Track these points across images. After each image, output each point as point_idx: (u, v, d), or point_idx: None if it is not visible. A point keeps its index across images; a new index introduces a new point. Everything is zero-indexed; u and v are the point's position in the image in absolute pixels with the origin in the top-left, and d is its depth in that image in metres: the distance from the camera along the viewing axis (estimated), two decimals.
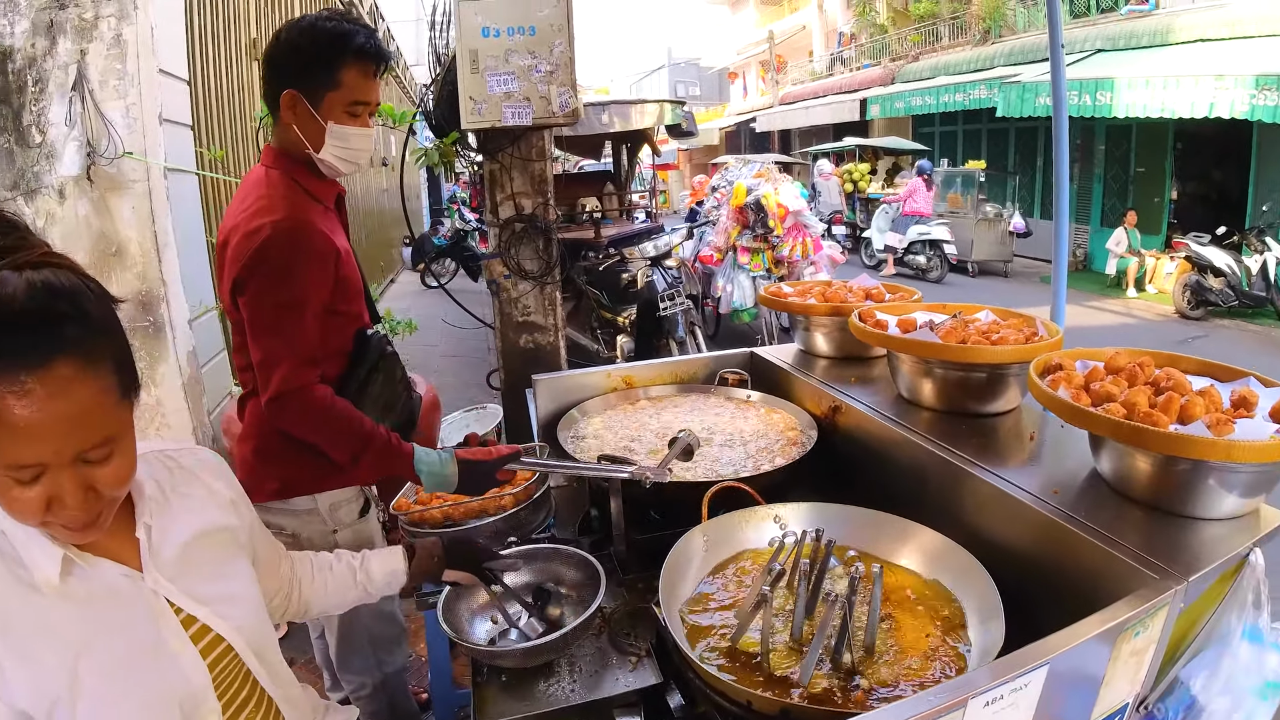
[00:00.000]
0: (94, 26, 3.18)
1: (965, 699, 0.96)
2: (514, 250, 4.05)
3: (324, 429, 1.91)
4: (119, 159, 3.27)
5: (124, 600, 1.16)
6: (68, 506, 1.03)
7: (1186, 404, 1.45)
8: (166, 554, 1.23)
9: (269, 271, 1.84)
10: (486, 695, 1.54)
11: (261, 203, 1.90)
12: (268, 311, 1.85)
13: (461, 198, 17.41)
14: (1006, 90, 13.75)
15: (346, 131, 1.97)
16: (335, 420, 1.90)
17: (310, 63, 1.90)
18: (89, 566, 1.14)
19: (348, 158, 2.02)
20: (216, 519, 1.34)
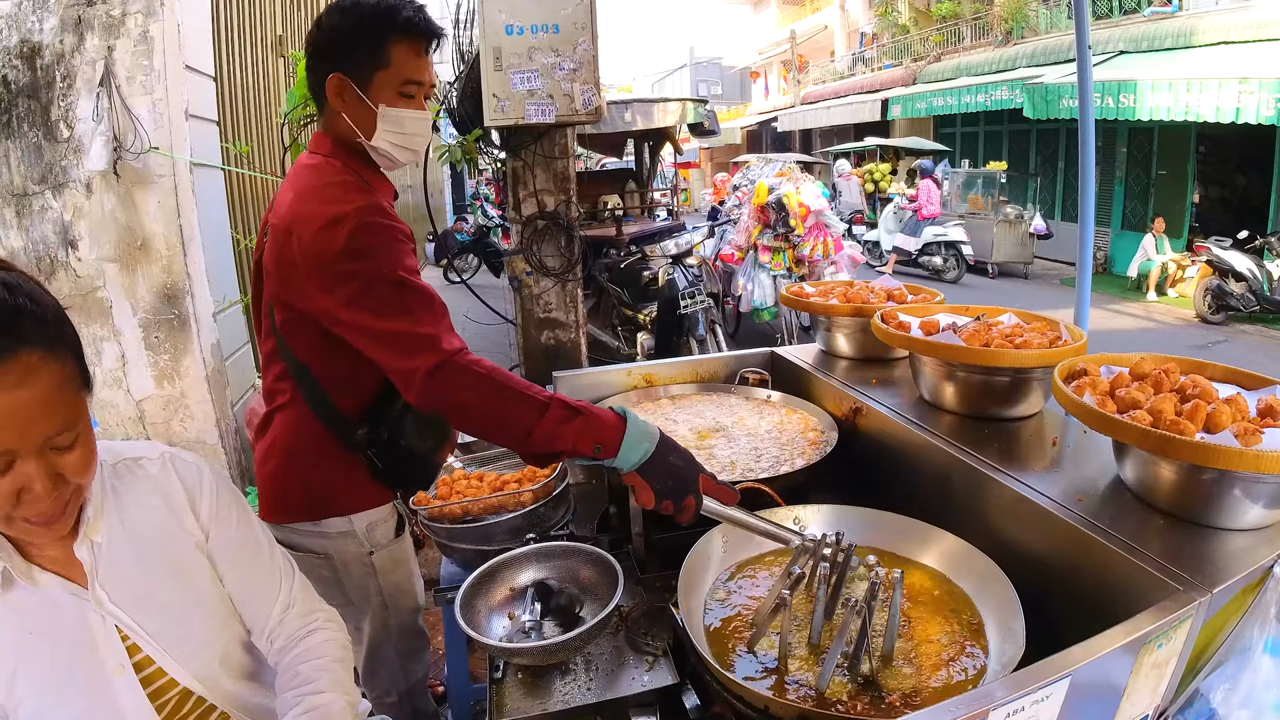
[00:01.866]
0: (121, 23, 3.22)
1: (986, 711, 0.96)
2: (536, 247, 4.06)
3: (494, 395, 1.59)
4: (145, 154, 3.31)
5: (68, 618, 1.16)
6: (37, 495, 1.04)
7: (1213, 412, 1.44)
8: (117, 574, 1.21)
9: (373, 252, 1.67)
10: (503, 692, 1.55)
11: (335, 190, 1.75)
12: (389, 290, 1.66)
13: (485, 194, 17.46)
14: (1031, 92, 13.66)
15: (401, 115, 1.81)
16: (507, 383, 1.60)
17: (355, 42, 1.75)
18: (29, 583, 1.14)
19: (404, 144, 1.85)
20: (177, 533, 1.30)
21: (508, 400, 1.58)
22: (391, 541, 2.08)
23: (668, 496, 1.56)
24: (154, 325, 3.55)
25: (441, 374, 1.59)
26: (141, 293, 3.50)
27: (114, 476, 1.27)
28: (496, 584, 1.77)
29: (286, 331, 1.85)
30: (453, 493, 2.26)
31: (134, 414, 3.60)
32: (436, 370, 1.58)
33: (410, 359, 1.61)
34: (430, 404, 1.62)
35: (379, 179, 1.92)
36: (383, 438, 1.92)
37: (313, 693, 1.33)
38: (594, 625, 1.54)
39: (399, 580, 2.13)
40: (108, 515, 1.23)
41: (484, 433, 1.68)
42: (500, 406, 1.58)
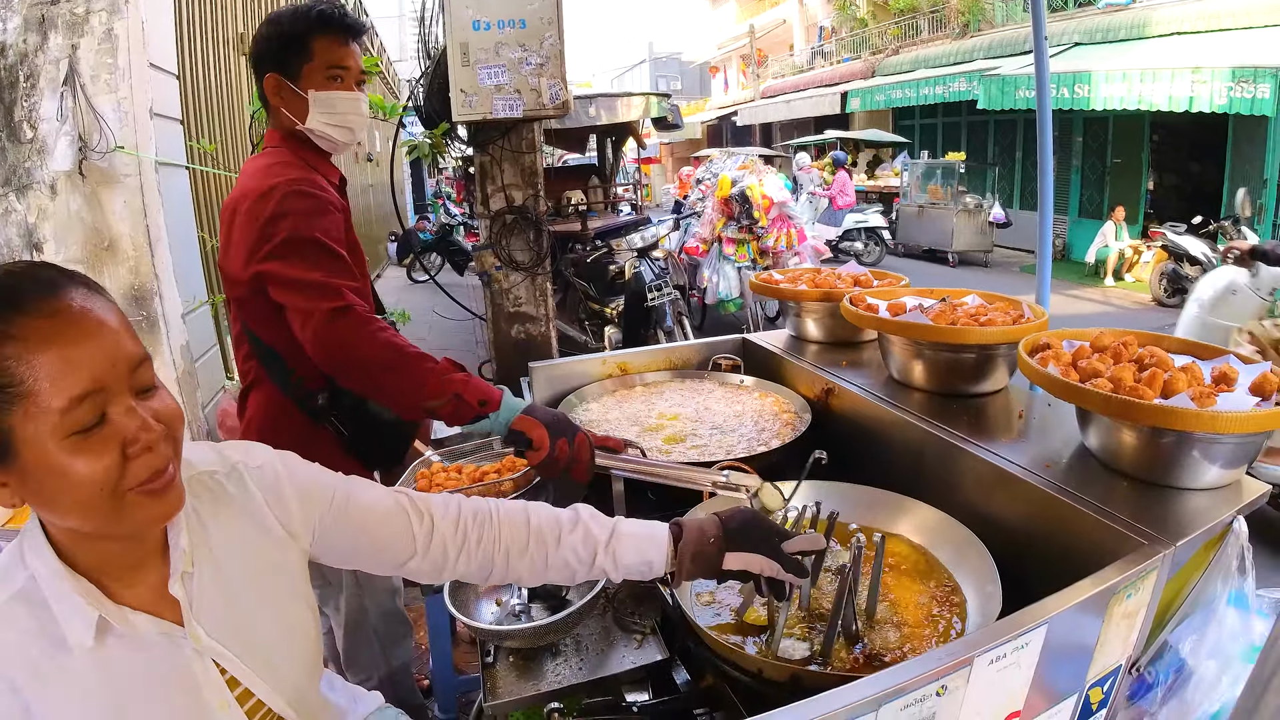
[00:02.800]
0: (85, 21, 3.19)
1: (971, 657, 1.01)
2: (505, 242, 4.08)
3: (386, 351, 1.73)
4: (110, 153, 3.27)
5: (163, 661, 1.06)
6: (145, 442, 0.94)
7: (1170, 379, 1.50)
8: (210, 606, 1.10)
9: (296, 217, 1.81)
10: (496, 675, 1.58)
11: (272, 169, 1.91)
12: (305, 245, 1.80)
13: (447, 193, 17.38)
14: (987, 83, 13.84)
15: (329, 96, 1.97)
16: (400, 342, 1.75)
17: (282, 44, 1.95)
18: (124, 627, 1.03)
19: (338, 123, 2.01)
20: (265, 547, 1.19)
21: (404, 353, 1.73)
22: None
23: (561, 433, 1.71)
24: None
25: (344, 319, 1.73)
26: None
27: (192, 496, 1.12)
28: None
29: (242, 309, 1.97)
30: (432, 485, 2.27)
31: None
32: (338, 314, 1.73)
33: (314, 301, 1.74)
34: (327, 346, 1.74)
35: (323, 163, 2.07)
36: (345, 403, 2.00)
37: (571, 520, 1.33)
38: (583, 605, 1.58)
39: None
40: (196, 540, 1.11)
41: (373, 382, 1.77)
42: (396, 357, 1.73)
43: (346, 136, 2.05)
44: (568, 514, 1.35)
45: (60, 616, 0.98)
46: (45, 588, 0.99)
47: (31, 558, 1.00)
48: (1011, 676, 1.09)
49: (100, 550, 1.02)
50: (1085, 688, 1.29)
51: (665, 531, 1.33)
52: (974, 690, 1.04)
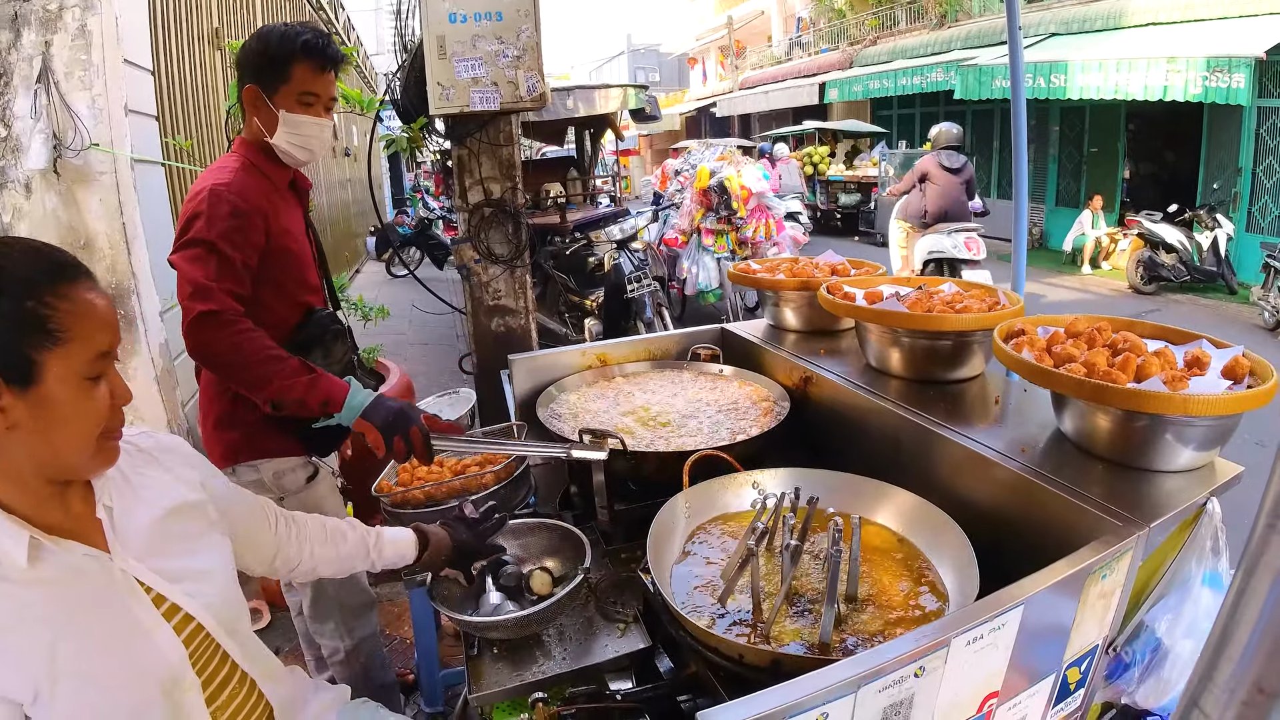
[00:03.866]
0: (59, 17, 3.13)
1: (948, 639, 1.02)
2: (484, 235, 4.05)
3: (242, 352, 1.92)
4: (85, 151, 3.22)
5: (94, 581, 1.19)
6: (124, 395, 1.19)
7: (1143, 363, 1.52)
8: (132, 534, 1.26)
9: (203, 215, 1.97)
10: (480, 667, 1.58)
11: (217, 170, 2.11)
12: (198, 251, 1.95)
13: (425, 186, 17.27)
14: (964, 73, 13.89)
15: (298, 119, 2.15)
16: (256, 344, 1.93)
17: (265, 60, 2.11)
18: (56, 547, 1.16)
19: (300, 144, 2.18)
20: (180, 497, 1.37)
21: (257, 355, 1.92)
22: (301, 489, 2.31)
23: (394, 431, 1.90)
24: None
25: (211, 321, 1.89)
26: None
27: None
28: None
29: None
30: (414, 479, 2.27)
31: None
32: (208, 316, 1.89)
33: (191, 301, 1.90)
34: (194, 344, 1.93)
35: (279, 169, 2.24)
36: None
37: None
38: (565, 596, 1.58)
39: None
40: (116, 483, 1.29)
41: (233, 379, 2.00)
42: (249, 358, 1.91)
43: (306, 156, 2.23)
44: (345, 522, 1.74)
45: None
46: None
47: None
48: (989, 657, 1.11)
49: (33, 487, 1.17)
50: (1063, 668, 1.30)
51: (414, 539, 1.73)
52: (952, 671, 1.05)
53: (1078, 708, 1.42)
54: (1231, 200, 11.14)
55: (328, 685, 1.67)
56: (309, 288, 2.30)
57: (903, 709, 1.02)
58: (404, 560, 1.72)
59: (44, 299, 1.09)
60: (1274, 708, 0.55)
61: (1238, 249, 10.83)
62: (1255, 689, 0.56)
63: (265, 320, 2.06)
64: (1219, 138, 11.62)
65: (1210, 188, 11.68)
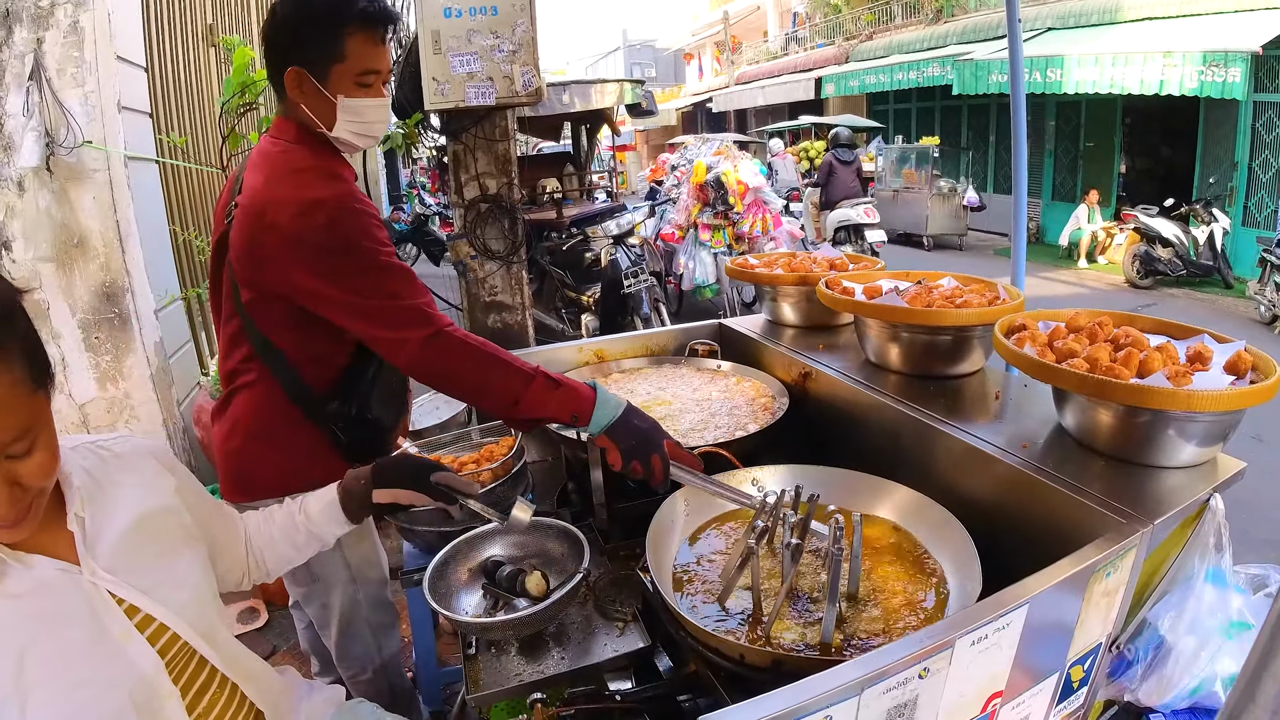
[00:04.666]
0: (50, 14, 3.11)
1: (953, 639, 1.01)
2: (480, 230, 4.03)
3: (481, 365, 1.73)
4: (79, 148, 3.20)
5: (63, 595, 1.15)
6: None
7: (1146, 358, 1.51)
8: (104, 545, 1.21)
9: (356, 236, 1.73)
10: (478, 667, 1.57)
11: (308, 176, 1.78)
12: (375, 270, 1.73)
13: (421, 183, 17.21)
14: (961, 68, 13.88)
15: (360, 105, 1.82)
16: (494, 354, 1.74)
17: (310, 35, 1.75)
18: (23, 565, 1.12)
19: (363, 132, 1.88)
20: (155, 503, 1.32)
21: (498, 371, 1.72)
22: None
23: (635, 456, 1.69)
24: (94, 325, 3.43)
25: (437, 343, 1.71)
26: (80, 292, 3.38)
27: (81, 458, 1.27)
28: (463, 562, 1.79)
29: (255, 312, 1.85)
30: None
31: (77, 419, 3.48)
32: (432, 339, 1.70)
33: (402, 330, 1.71)
34: (424, 370, 1.75)
35: (341, 163, 1.93)
36: (350, 411, 1.95)
37: None
38: (564, 596, 1.57)
39: (365, 552, 2.15)
40: (88, 491, 1.23)
41: (473, 399, 1.87)
42: (490, 377, 1.73)
43: (367, 143, 1.94)
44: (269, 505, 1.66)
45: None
46: None
47: None
48: (993, 657, 1.09)
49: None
50: (1066, 666, 1.30)
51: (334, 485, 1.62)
52: (956, 672, 1.04)
53: (1080, 705, 1.41)
54: (1227, 194, 11.15)
55: (323, 686, 1.63)
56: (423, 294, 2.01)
57: (907, 710, 1.01)
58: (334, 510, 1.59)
59: None
60: None
61: (1233, 243, 10.85)
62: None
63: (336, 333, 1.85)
64: (1215, 132, 11.64)
65: (1206, 182, 11.69)
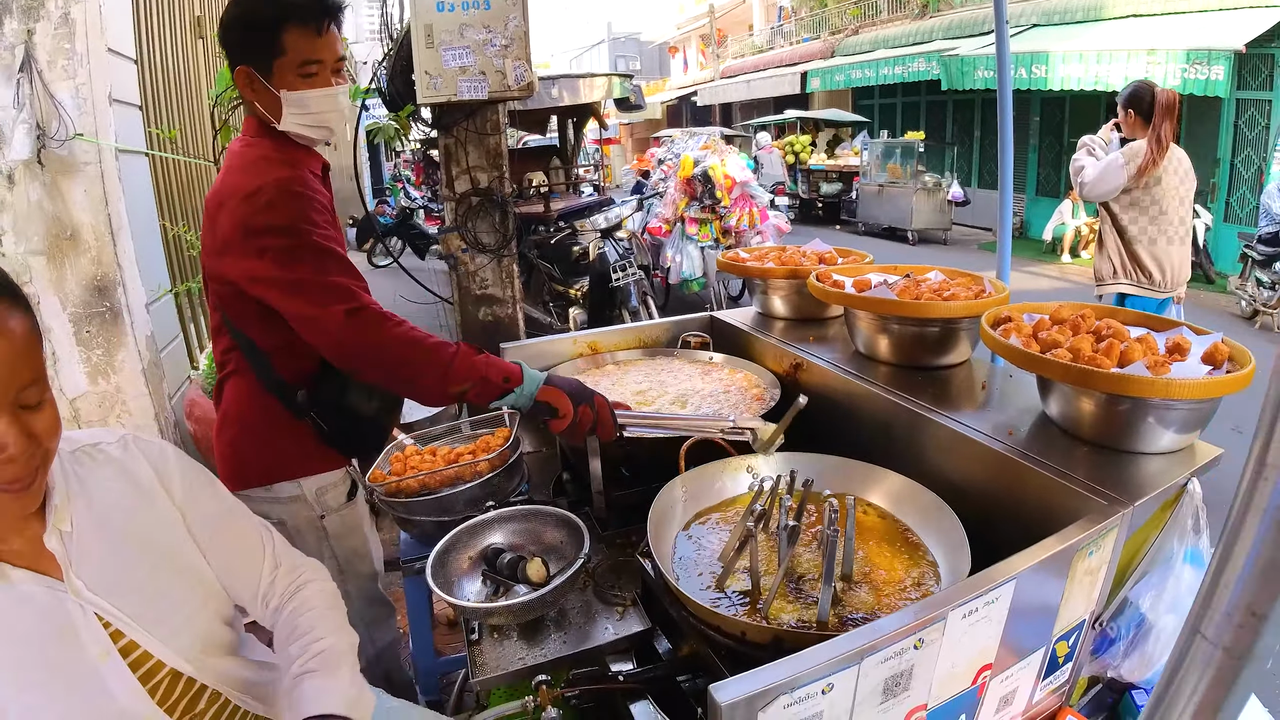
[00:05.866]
0: (41, 6, 3.11)
1: (945, 612, 1.06)
2: (471, 224, 4.07)
3: (406, 345, 1.76)
4: (70, 141, 3.21)
5: (43, 613, 1.12)
6: (11, 455, 1.01)
7: (1126, 349, 1.57)
8: (92, 562, 1.17)
9: (289, 216, 1.77)
10: (482, 652, 1.61)
11: (259, 165, 1.85)
12: (303, 249, 1.76)
13: (406, 176, 17.18)
14: (947, 64, 13.98)
15: (303, 97, 1.86)
16: (418, 334, 1.78)
17: (250, 34, 1.82)
18: (3, 580, 1.10)
19: (313, 123, 1.91)
20: (150, 516, 1.28)
21: (422, 344, 1.76)
22: (343, 506, 2.14)
23: (582, 400, 1.81)
24: (85, 319, 3.44)
25: (360, 319, 1.73)
26: (70, 286, 3.39)
27: (74, 463, 1.23)
28: (464, 550, 1.82)
29: (225, 304, 1.92)
30: (407, 468, 2.27)
31: (68, 414, 3.47)
32: (354, 314, 1.72)
33: (324, 306, 1.72)
34: (345, 348, 1.75)
35: (304, 153, 1.98)
36: (325, 400, 2.00)
37: (314, 639, 1.36)
38: (565, 581, 1.60)
39: (354, 546, 2.19)
40: (74, 501, 1.19)
41: (398, 376, 1.79)
42: (415, 350, 1.76)
43: (323, 135, 1.97)
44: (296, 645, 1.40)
45: None
46: None
47: None
48: (983, 630, 1.15)
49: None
50: (1052, 642, 1.35)
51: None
52: (949, 643, 1.09)
53: (1065, 680, 1.47)
54: (1210, 191, 11.28)
55: None
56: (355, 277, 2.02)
57: (903, 680, 1.06)
58: None
59: None
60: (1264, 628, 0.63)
61: (1216, 239, 11.00)
62: (1248, 613, 0.64)
63: None
64: (1198, 129, 11.76)
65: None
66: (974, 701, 1.23)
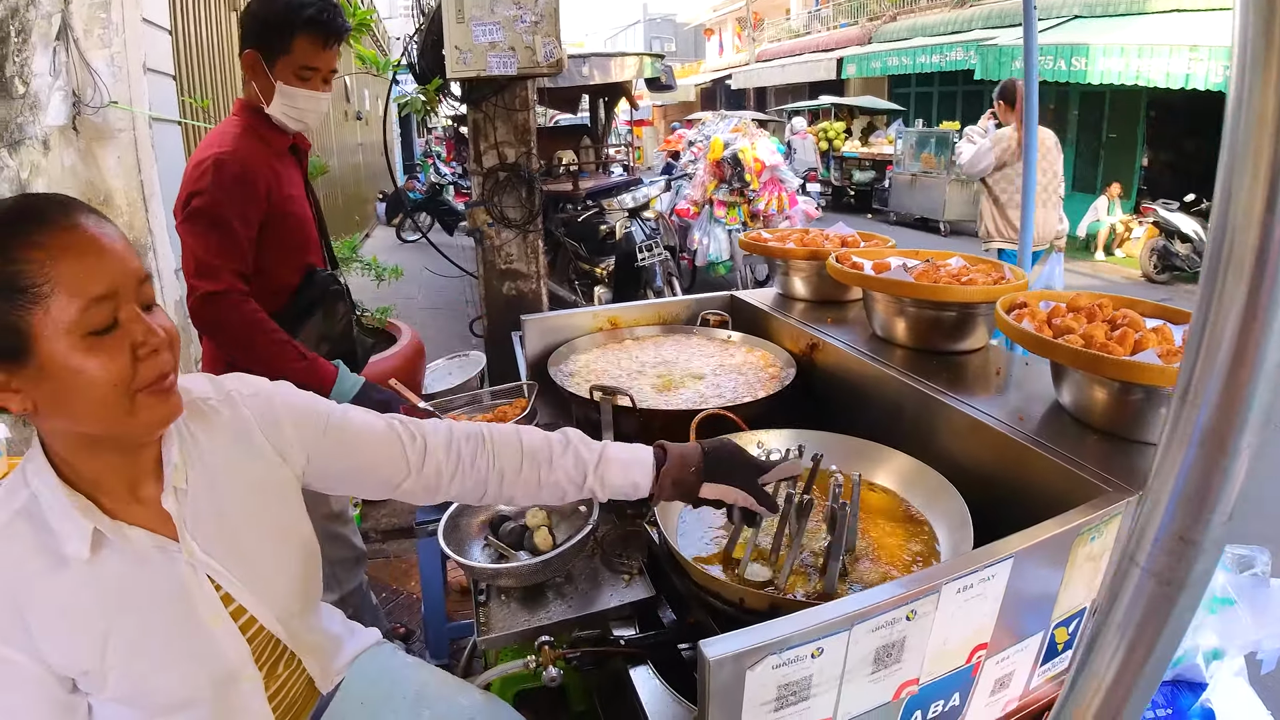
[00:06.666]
0: None
1: (939, 584, 1.07)
2: (497, 199, 4.08)
3: (246, 334, 2.06)
4: (104, 108, 3.26)
5: (159, 573, 1.12)
6: (154, 345, 1.02)
7: (1140, 338, 1.56)
8: (205, 523, 1.17)
9: (205, 191, 2.02)
10: (490, 613, 1.64)
11: (215, 136, 2.16)
12: (206, 223, 2.03)
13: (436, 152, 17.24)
14: (984, 53, 13.78)
15: (294, 93, 2.18)
16: (260, 329, 2.06)
17: (267, 29, 2.13)
18: (120, 540, 1.10)
19: (294, 116, 2.22)
20: (259, 474, 1.26)
21: (260, 339, 2.07)
22: None
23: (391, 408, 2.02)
24: None
25: (216, 301, 2.01)
26: None
27: (189, 417, 1.21)
28: (476, 514, 1.86)
29: None
30: None
31: None
32: (213, 296, 2.00)
33: (196, 279, 2.02)
34: (200, 321, 2.05)
35: (278, 134, 2.27)
36: None
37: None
38: (574, 545, 1.63)
39: None
40: (190, 459, 1.18)
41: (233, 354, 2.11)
42: (251, 341, 2.06)
43: (299, 127, 2.28)
44: (558, 437, 1.42)
45: (58, 531, 1.06)
46: (45, 504, 1.06)
47: (33, 477, 1.08)
48: (978, 608, 1.15)
49: (99, 466, 1.09)
50: (1051, 627, 1.35)
51: (650, 456, 1.41)
52: (942, 617, 1.10)
53: (1066, 669, 1.47)
54: None
55: (359, 629, 1.63)
56: (311, 249, 2.37)
57: (894, 650, 1.07)
58: (637, 491, 1.41)
59: (13, 254, 0.95)
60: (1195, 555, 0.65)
61: None
62: (1178, 539, 0.66)
63: (268, 284, 2.19)
64: None
65: None
66: (968, 681, 1.24)
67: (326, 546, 2.27)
